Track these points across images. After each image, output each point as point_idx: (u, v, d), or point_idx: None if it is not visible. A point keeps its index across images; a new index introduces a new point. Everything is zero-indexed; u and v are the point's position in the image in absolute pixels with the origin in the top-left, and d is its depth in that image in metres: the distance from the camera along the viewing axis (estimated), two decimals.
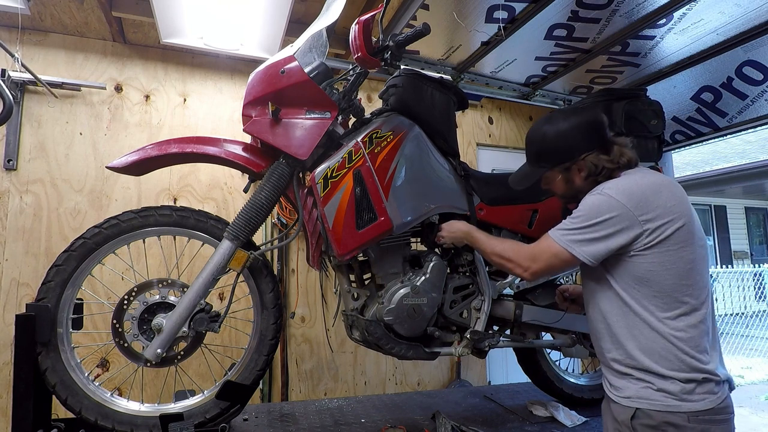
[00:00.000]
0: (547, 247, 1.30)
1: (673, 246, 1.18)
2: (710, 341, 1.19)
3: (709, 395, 1.14)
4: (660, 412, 1.15)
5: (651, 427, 1.15)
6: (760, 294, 9.51)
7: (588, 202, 1.27)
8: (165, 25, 2.38)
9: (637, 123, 1.94)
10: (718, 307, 8.75)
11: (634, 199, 1.20)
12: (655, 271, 1.19)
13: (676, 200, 1.21)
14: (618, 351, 1.24)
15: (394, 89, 1.78)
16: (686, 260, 1.18)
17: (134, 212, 1.58)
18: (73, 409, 1.46)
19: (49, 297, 1.46)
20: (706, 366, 1.15)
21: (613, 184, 1.26)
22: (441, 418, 1.77)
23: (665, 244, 1.18)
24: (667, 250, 1.18)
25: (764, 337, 8.04)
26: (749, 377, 6.05)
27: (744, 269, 9.65)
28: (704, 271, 1.22)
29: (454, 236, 1.66)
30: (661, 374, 1.16)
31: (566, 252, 1.26)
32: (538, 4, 2.03)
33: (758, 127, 2.60)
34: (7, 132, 2.47)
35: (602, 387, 1.34)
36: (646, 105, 1.99)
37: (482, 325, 1.76)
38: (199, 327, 1.54)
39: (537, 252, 1.33)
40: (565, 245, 1.26)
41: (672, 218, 1.18)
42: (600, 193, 1.25)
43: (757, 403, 5.13)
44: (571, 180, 1.37)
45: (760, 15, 2.00)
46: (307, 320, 2.97)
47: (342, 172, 1.58)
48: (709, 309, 1.20)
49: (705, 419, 1.13)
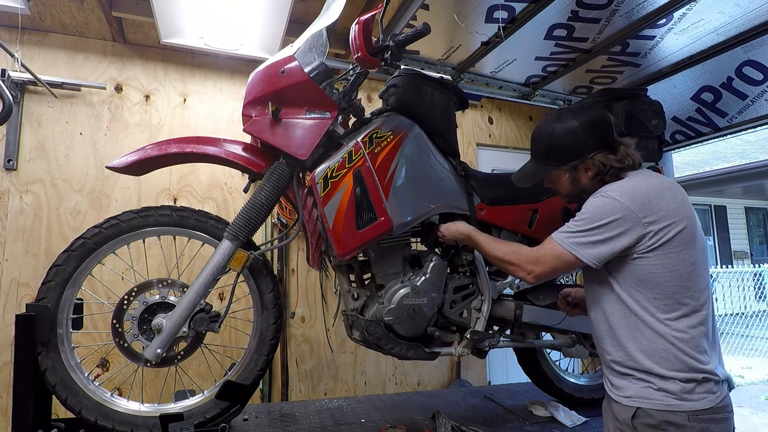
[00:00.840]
0: (551, 249, 1.30)
1: (675, 248, 1.18)
2: (710, 342, 1.20)
3: (709, 395, 1.15)
4: (660, 411, 1.15)
5: (651, 426, 1.16)
6: (760, 294, 9.51)
7: (592, 205, 1.27)
8: (165, 25, 2.38)
9: (637, 123, 1.94)
10: (718, 307, 8.75)
11: (637, 201, 1.20)
12: (657, 273, 1.19)
13: (678, 203, 1.21)
14: (619, 352, 1.24)
15: (394, 89, 1.77)
16: (687, 262, 1.19)
17: (134, 212, 1.58)
18: (73, 409, 1.46)
19: (49, 297, 1.46)
20: (706, 366, 1.16)
21: (617, 187, 1.26)
22: (441, 418, 1.77)
23: (668, 246, 1.18)
24: (669, 252, 1.19)
25: (764, 337, 8.04)
26: (749, 377, 6.05)
27: (744, 269, 9.65)
28: (704, 272, 1.23)
29: (454, 237, 1.66)
30: (661, 375, 1.16)
31: (570, 254, 1.26)
32: (538, 4, 2.03)
33: (758, 127, 2.60)
34: (7, 132, 2.47)
35: (602, 387, 1.34)
36: (646, 105, 1.99)
37: (482, 325, 1.76)
38: (199, 327, 1.54)
39: (540, 255, 1.33)
40: (569, 248, 1.26)
41: (674, 220, 1.19)
42: (604, 196, 1.25)
43: (757, 403, 5.12)
44: (578, 179, 1.36)
45: (760, 15, 2.00)
46: (307, 320, 2.97)
47: (342, 172, 1.58)
48: (710, 310, 1.21)
49: (705, 418, 1.13)
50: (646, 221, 1.19)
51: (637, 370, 1.20)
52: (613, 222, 1.21)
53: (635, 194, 1.21)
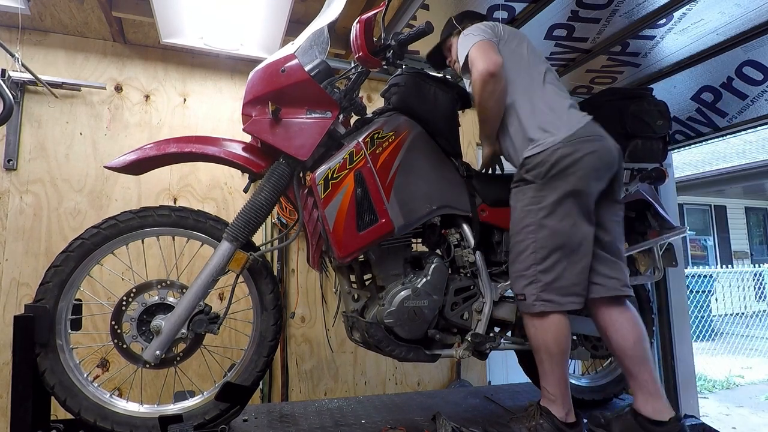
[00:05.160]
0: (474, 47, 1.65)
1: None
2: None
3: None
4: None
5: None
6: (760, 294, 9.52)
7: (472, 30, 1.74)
8: (165, 25, 2.37)
9: (642, 123, 1.92)
10: (718, 307, 8.75)
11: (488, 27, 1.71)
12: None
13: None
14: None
15: (396, 88, 1.76)
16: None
17: (133, 212, 1.57)
18: (72, 410, 1.46)
19: (47, 298, 1.46)
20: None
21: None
22: (441, 419, 1.77)
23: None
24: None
25: (764, 337, 8.04)
26: (749, 377, 6.04)
27: (744, 269, 9.66)
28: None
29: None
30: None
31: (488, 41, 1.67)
32: (538, 4, 2.02)
33: (758, 127, 2.60)
34: (7, 132, 2.47)
35: (602, 389, 1.34)
36: (652, 105, 1.97)
37: (483, 327, 1.74)
38: (198, 328, 1.54)
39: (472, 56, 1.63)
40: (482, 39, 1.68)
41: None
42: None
43: (757, 403, 5.12)
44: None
45: (760, 15, 1.99)
46: (307, 320, 2.97)
47: (343, 173, 1.57)
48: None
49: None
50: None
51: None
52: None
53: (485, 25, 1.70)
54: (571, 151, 1.53)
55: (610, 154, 1.57)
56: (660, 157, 2.00)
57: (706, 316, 7.94)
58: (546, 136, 1.58)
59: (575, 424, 1.57)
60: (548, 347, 1.55)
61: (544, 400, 1.61)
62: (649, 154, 1.96)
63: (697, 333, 7.77)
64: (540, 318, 1.56)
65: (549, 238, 1.54)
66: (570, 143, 1.53)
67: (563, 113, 1.61)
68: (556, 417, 1.55)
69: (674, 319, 2.93)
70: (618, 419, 1.65)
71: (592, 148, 1.53)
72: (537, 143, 1.59)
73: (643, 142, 1.93)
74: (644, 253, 2.12)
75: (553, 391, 1.57)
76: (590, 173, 1.53)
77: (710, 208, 11.23)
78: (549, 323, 1.55)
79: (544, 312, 1.54)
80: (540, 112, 1.63)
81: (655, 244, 2.06)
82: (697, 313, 7.76)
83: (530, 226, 1.57)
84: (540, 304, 1.54)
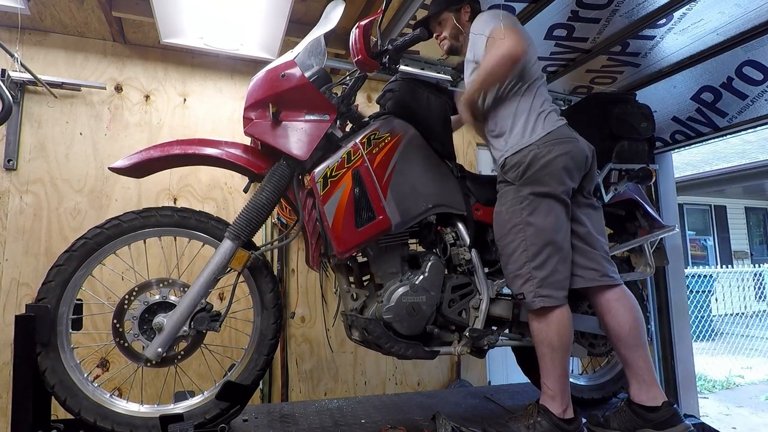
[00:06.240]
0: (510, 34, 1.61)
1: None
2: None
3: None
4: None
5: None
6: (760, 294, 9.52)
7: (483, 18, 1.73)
8: (165, 25, 2.38)
9: (627, 125, 1.99)
10: (718, 307, 8.75)
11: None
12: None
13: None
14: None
15: (390, 93, 1.82)
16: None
17: (136, 213, 1.58)
18: (72, 410, 1.46)
19: (49, 297, 1.46)
20: None
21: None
22: (441, 419, 1.77)
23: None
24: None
25: (764, 337, 8.04)
26: (749, 377, 6.05)
27: (744, 269, 9.66)
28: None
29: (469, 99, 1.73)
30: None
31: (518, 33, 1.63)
32: (538, 4, 2.03)
33: (758, 127, 2.60)
34: (7, 132, 2.47)
35: (601, 387, 1.36)
36: (635, 108, 2.03)
37: (481, 324, 1.77)
38: (200, 326, 1.55)
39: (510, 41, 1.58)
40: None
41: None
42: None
43: (757, 403, 5.12)
44: (459, 19, 1.83)
45: (760, 15, 2.00)
46: (307, 320, 2.97)
47: (341, 171, 1.61)
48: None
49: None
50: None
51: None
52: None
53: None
54: (545, 152, 1.61)
55: (582, 153, 1.66)
56: (646, 158, 2.05)
57: (706, 316, 7.94)
58: (522, 138, 1.67)
59: (573, 420, 1.59)
60: (551, 341, 1.59)
61: (543, 398, 1.63)
62: (636, 155, 2.01)
63: (697, 333, 7.77)
64: (543, 313, 1.60)
65: (537, 235, 1.60)
66: (544, 144, 1.63)
67: (540, 117, 1.69)
68: (553, 414, 1.57)
69: (674, 319, 2.93)
70: (615, 414, 1.70)
71: (565, 149, 1.62)
72: (514, 146, 1.68)
73: (629, 143, 1.99)
74: (636, 251, 2.17)
75: (553, 386, 1.60)
76: (563, 172, 1.61)
77: (710, 208, 11.23)
78: (552, 317, 1.59)
79: (545, 308, 1.58)
80: (518, 115, 1.70)
81: (645, 242, 2.12)
82: (697, 313, 7.76)
83: (518, 225, 1.63)
84: (539, 300, 1.58)
